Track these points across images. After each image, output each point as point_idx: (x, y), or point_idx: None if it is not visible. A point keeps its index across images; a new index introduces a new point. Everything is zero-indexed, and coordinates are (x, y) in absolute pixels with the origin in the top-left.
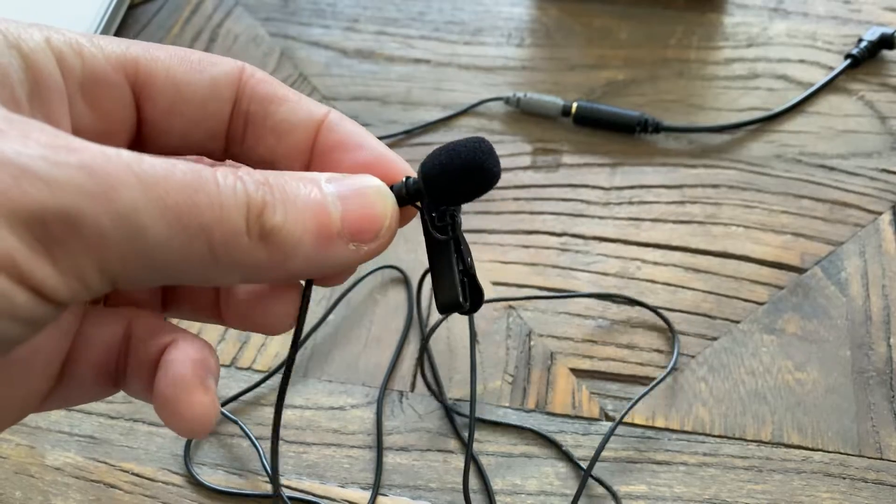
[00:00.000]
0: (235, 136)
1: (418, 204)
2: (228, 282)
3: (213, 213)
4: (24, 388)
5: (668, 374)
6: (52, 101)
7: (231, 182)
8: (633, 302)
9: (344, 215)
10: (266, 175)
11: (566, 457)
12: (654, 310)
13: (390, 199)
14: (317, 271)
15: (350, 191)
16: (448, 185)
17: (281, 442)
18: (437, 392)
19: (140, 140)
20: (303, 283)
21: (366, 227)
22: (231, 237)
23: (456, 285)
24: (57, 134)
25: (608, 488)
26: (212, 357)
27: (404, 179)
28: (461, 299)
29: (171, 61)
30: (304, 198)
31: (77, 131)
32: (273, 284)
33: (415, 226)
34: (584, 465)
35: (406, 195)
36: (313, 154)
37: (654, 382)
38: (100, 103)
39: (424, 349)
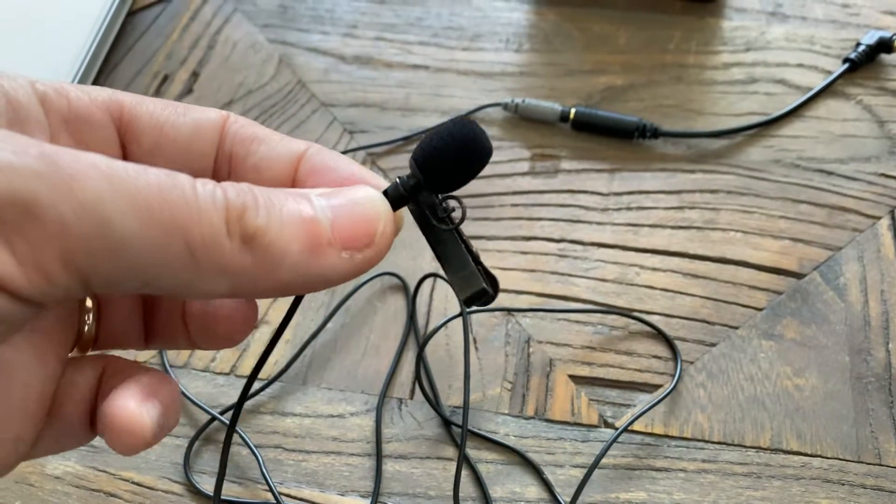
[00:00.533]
0: (220, 179)
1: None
2: (216, 291)
3: (189, 212)
4: (14, 429)
5: (669, 392)
6: (32, 133)
7: (210, 188)
8: (638, 319)
9: (334, 222)
10: (250, 185)
11: (547, 481)
12: (655, 327)
13: (383, 204)
14: (309, 283)
15: (340, 199)
16: (450, 169)
17: (280, 450)
18: (434, 402)
19: None
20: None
21: (359, 233)
22: (211, 238)
23: (477, 274)
24: (23, 136)
25: None
26: (163, 386)
27: (396, 180)
28: (485, 286)
29: (156, 106)
30: (291, 206)
31: None
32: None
33: (414, 232)
34: (582, 473)
35: (403, 193)
36: (293, 185)
37: (656, 399)
38: (85, 140)
39: (420, 358)
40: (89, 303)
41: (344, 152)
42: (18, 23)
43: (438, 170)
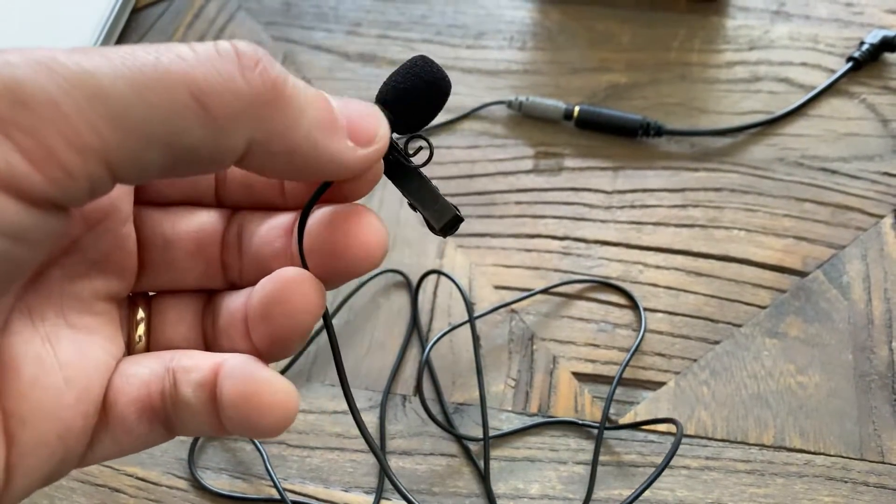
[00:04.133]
0: None
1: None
2: (236, 145)
3: (187, 65)
4: (57, 423)
5: (634, 352)
6: None
7: (208, 44)
8: (605, 284)
9: (341, 110)
10: None
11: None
12: (616, 287)
13: (381, 112)
14: (320, 161)
15: (345, 101)
16: (419, 107)
17: (284, 446)
18: (434, 416)
19: None
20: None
21: (363, 127)
22: (219, 82)
23: (447, 203)
24: None
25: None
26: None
27: None
28: (457, 212)
29: None
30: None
31: None
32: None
33: (417, 230)
34: (586, 469)
35: None
36: None
37: (623, 363)
38: None
39: (423, 370)
40: (141, 313)
41: None
42: (22, 21)
43: (408, 109)
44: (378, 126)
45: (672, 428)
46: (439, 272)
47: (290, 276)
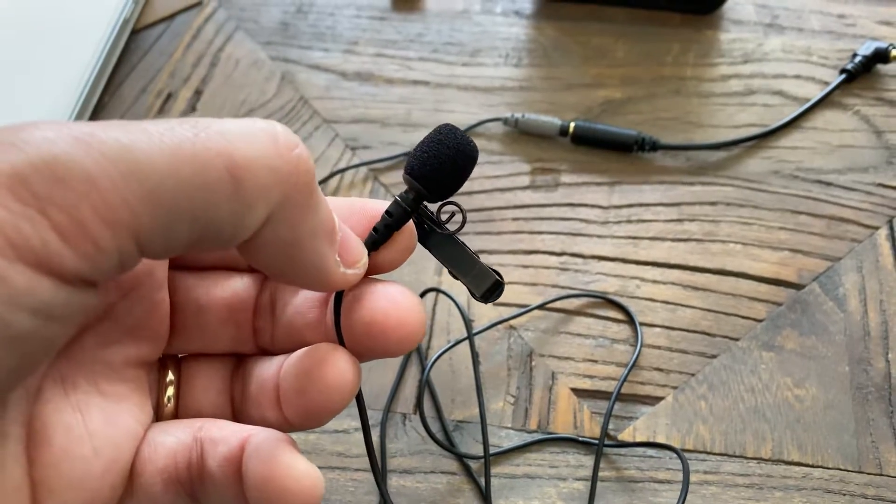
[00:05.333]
0: None
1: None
2: (258, 220)
3: (223, 141)
4: (85, 494)
5: (632, 367)
6: None
7: (247, 121)
8: (602, 300)
9: (338, 227)
10: None
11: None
12: (614, 302)
13: (365, 250)
14: (312, 261)
15: (343, 227)
16: (448, 176)
17: None
18: (434, 435)
19: None
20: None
21: (351, 249)
22: (257, 158)
23: (487, 270)
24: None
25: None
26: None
27: (396, 198)
28: (498, 278)
29: None
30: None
31: None
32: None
33: (416, 248)
34: (585, 485)
35: (407, 209)
36: None
37: (622, 376)
38: None
39: (423, 388)
40: (171, 376)
41: (346, 168)
42: (24, 41)
43: (437, 179)
44: (363, 254)
45: (670, 442)
46: (438, 290)
47: (327, 353)
